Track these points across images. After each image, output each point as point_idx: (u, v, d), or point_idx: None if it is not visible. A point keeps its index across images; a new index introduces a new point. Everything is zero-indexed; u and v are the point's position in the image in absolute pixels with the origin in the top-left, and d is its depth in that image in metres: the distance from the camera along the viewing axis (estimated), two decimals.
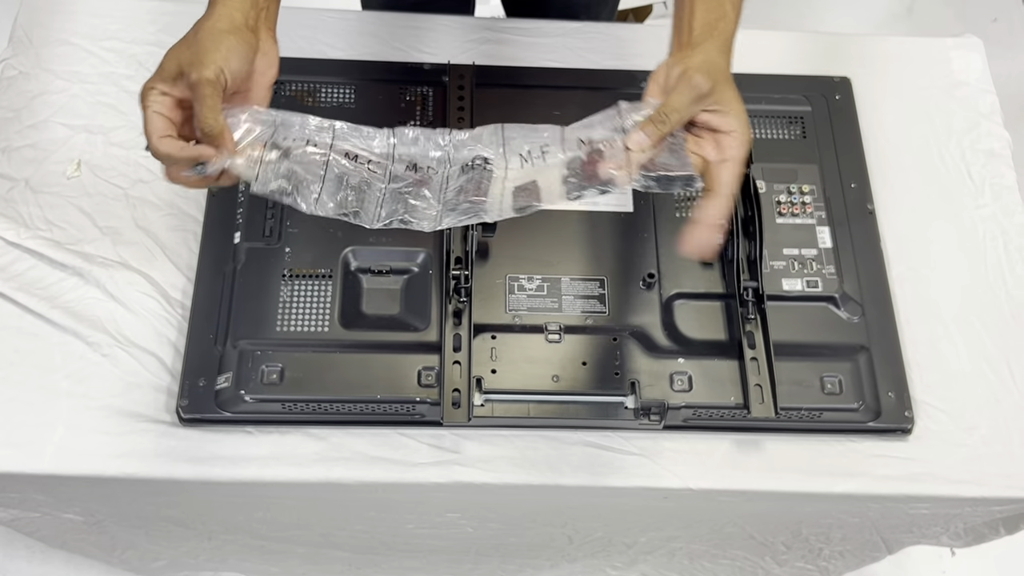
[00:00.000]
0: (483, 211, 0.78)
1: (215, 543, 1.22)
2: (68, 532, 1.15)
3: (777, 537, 1.16)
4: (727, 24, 0.81)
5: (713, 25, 0.80)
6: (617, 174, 0.77)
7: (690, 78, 0.76)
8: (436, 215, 0.80)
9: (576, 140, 0.80)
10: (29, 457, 0.91)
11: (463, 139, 0.82)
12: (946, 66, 1.19)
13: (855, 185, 1.07)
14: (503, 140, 0.82)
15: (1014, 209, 1.10)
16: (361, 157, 0.81)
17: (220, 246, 0.99)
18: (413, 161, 0.82)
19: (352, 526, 1.14)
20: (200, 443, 0.92)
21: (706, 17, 0.81)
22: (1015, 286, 1.05)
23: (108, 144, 1.06)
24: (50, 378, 0.94)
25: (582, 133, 0.80)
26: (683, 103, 0.76)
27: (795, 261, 1.02)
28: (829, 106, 1.12)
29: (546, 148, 0.80)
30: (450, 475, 0.93)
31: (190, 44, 0.75)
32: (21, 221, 1.01)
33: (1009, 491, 0.95)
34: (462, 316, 0.93)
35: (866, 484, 0.95)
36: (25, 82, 1.09)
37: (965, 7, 2.39)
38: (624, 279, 1.00)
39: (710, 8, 0.81)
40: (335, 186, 0.80)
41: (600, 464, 0.94)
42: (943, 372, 1.00)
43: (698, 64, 0.77)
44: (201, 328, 0.95)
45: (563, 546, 1.22)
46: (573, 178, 0.79)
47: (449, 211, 0.79)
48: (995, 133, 1.15)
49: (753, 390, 0.93)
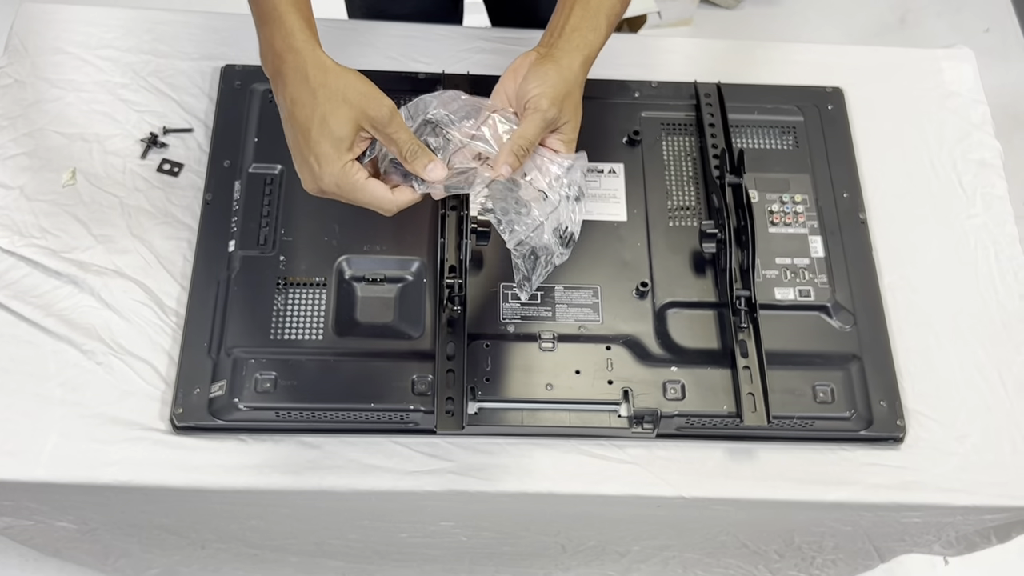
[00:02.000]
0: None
1: (209, 551, 1.22)
2: (61, 540, 1.14)
3: (770, 545, 1.16)
4: (596, 37, 0.86)
5: (583, 35, 0.85)
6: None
7: (541, 108, 0.83)
8: None
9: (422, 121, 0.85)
10: (23, 465, 0.91)
11: None
12: (938, 76, 1.20)
13: (847, 195, 1.08)
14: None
15: (1005, 219, 1.10)
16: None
17: (214, 254, 1.00)
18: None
19: (346, 535, 1.14)
20: (194, 451, 0.92)
21: (578, 24, 0.86)
22: (1006, 295, 1.06)
23: (103, 152, 1.06)
24: (44, 386, 0.94)
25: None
26: (535, 133, 0.83)
27: (787, 270, 1.02)
28: (821, 116, 1.13)
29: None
30: (444, 483, 0.93)
31: (344, 99, 0.77)
32: (16, 229, 1.01)
33: (1000, 500, 0.96)
34: (456, 325, 0.94)
35: (858, 492, 0.95)
36: (20, 90, 1.09)
37: (957, 17, 2.41)
38: (617, 288, 1.00)
39: (585, 16, 0.86)
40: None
41: (593, 472, 0.95)
42: (935, 381, 1.01)
43: (551, 84, 0.83)
44: (195, 336, 0.95)
45: (557, 555, 1.22)
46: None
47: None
48: (986, 143, 1.15)
49: (746, 399, 0.93)
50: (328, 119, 0.77)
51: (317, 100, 0.77)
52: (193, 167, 1.06)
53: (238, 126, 1.07)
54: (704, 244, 1.00)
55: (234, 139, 1.06)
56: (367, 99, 0.77)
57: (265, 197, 1.02)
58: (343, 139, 0.78)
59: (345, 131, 0.77)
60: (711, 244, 1.00)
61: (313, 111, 0.78)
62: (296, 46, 0.79)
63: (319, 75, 0.78)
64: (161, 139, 1.07)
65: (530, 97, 0.83)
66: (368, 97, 0.77)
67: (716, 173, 1.04)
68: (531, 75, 0.84)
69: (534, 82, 0.83)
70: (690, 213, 1.05)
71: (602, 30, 0.87)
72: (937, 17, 2.40)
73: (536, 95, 0.83)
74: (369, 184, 0.80)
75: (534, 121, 0.83)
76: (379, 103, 0.77)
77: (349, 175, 0.78)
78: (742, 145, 1.10)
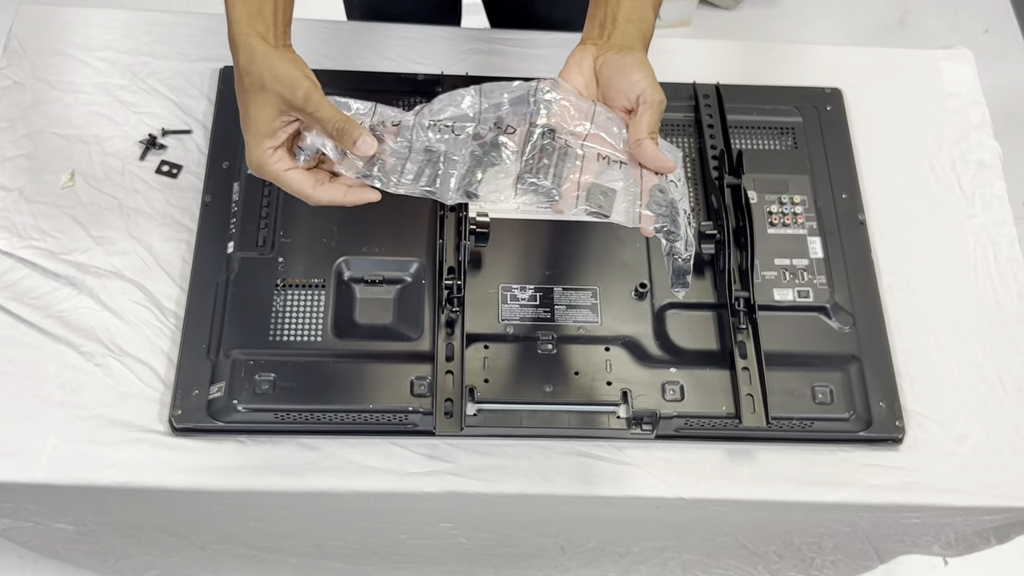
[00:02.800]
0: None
1: (208, 553, 1.22)
2: (60, 542, 1.14)
3: (769, 546, 1.16)
4: (649, 28, 0.84)
5: (638, 26, 0.83)
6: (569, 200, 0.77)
7: (658, 99, 0.78)
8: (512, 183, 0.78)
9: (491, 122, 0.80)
10: (22, 466, 0.91)
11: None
12: (937, 77, 1.20)
13: (846, 195, 1.08)
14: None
15: (1004, 219, 1.10)
16: (444, 125, 0.80)
17: (213, 256, 1.00)
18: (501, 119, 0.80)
19: (345, 536, 1.14)
20: (193, 452, 0.92)
21: (630, 15, 0.83)
22: (1005, 296, 1.06)
23: (102, 154, 1.06)
24: (43, 387, 0.94)
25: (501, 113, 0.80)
26: (656, 124, 0.79)
27: (786, 271, 1.02)
28: (820, 117, 1.13)
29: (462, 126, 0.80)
30: (443, 484, 0.93)
31: (262, 86, 0.76)
32: (15, 231, 1.01)
33: (1000, 500, 0.96)
34: (455, 326, 0.94)
35: (857, 493, 0.95)
36: (19, 92, 1.09)
37: (956, 18, 2.41)
38: (616, 289, 1.00)
39: (636, 7, 0.83)
40: (420, 162, 0.79)
41: (592, 473, 0.95)
42: (934, 382, 1.01)
43: (651, 72, 0.80)
44: (194, 338, 0.95)
45: (556, 556, 1.22)
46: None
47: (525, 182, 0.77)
48: (985, 144, 1.15)
49: (745, 400, 0.93)
50: (249, 107, 0.77)
51: (243, 87, 0.77)
52: (192, 169, 1.06)
53: (237, 128, 1.05)
54: (703, 245, 1.00)
55: (233, 141, 1.05)
56: (282, 82, 0.75)
57: (264, 199, 1.02)
58: (261, 125, 0.77)
59: (263, 117, 0.76)
60: (710, 245, 1.00)
61: (241, 98, 0.78)
62: (235, 39, 0.78)
63: (246, 63, 0.77)
64: (160, 141, 1.07)
65: (644, 89, 0.79)
66: (283, 80, 0.75)
67: (715, 174, 1.04)
68: (628, 67, 0.80)
69: (638, 73, 0.79)
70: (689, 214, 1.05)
71: (651, 21, 0.85)
72: (936, 18, 2.40)
73: (647, 85, 0.79)
74: (287, 175, 0.78)
75: (658, 111, 0.79)
76: (294, 85, 0.75)
77: (268, 164, 0.78)
78: (741, 146, 1.10)
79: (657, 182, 0.78)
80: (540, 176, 0.76)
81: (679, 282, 0.79)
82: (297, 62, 0.77)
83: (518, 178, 0.77)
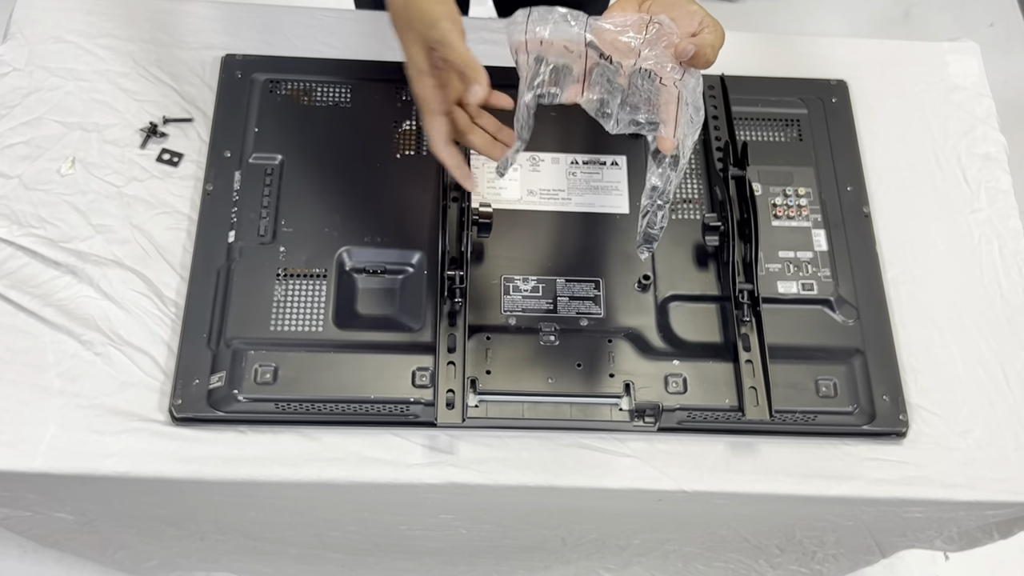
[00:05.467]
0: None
1: (208, 543, 1.22)
2: (60, 531, 1.14)
3: (771, 540, 1.16)
4: None
5: None
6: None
7: (720, 30, 0.82)
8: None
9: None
10: (21, 455, 0.90)
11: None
12: (943, 70, 1.19)
13: (851, 188, 1.07)
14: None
15: (1009, 213, 1.10)
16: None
17: (214, 245, 0.99)
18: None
19: (345, 527, 1.14)
20: (193, 442, 0.92)
21: None
22: (1010, 290, 1.05)
23: (102, 142, 1.06)
24: (43, 376, 0.94)
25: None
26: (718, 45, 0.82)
27: (791, 264, 1.02)
28: (825, 109, 1.12)
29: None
30: (444, 476, 0.93)
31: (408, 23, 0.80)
32: (14, 218, 1.00)
33: (1003, 495, 0.95)
34: (457, 317, 0.93)
35: (860, 487, 0.95)
36: (19, 79, 1.08)
37: (962, 11, 2.40)
38: (619, 281, 1.00)
39: None
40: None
41: (594, 466, 0.94)
42: (938, 376, 1.00)
43: (704, 11, 0.83)
44: (195, 327, 0.95)
45: (557, 548, 1.22)
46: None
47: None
48: (991, 137, 1.15)
49: (748, 393, 0.93)
50: (403, 45, 0.82)
51: (396, 26, 0.82)
52: (193, 157, 1.06)
53: (239, 116, 1.06)
54: (707, 237, 0.99)
55: (234, 129, 1.05)
56: (424, 20, 0.79)
57: (265, 188, 1.02)
58: (416, 62, 0.82)
59: (413, 54, 0.82)
60: (714, 237, 0.99)
61: (396, 35, 0.83)
62: None
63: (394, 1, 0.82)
64: (161, 129, 1.07)
65: (703, 17, 0.82)
66: (425, 18, 0.79)
67: (719, 166, 1.04)
68: (680, 0, 0.83)
69: (693, 4, 0.83)
70: (693, 206, 1.05)
71: None
72: (941, 11, 2.39)
73: (705, 15, 0.82)
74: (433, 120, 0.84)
75: (721, 37, 0.82)
76: (433, 23, 0.79)
77: (430, 99, 0.83)
78: (746, 138, 1.09)
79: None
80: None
81: (647, 246, 0.86)
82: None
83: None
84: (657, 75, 0.80)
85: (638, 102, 0.81)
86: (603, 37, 0.81)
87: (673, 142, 0.81)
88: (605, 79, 0.81)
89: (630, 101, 0.81)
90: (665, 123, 0.81)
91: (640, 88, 0.80)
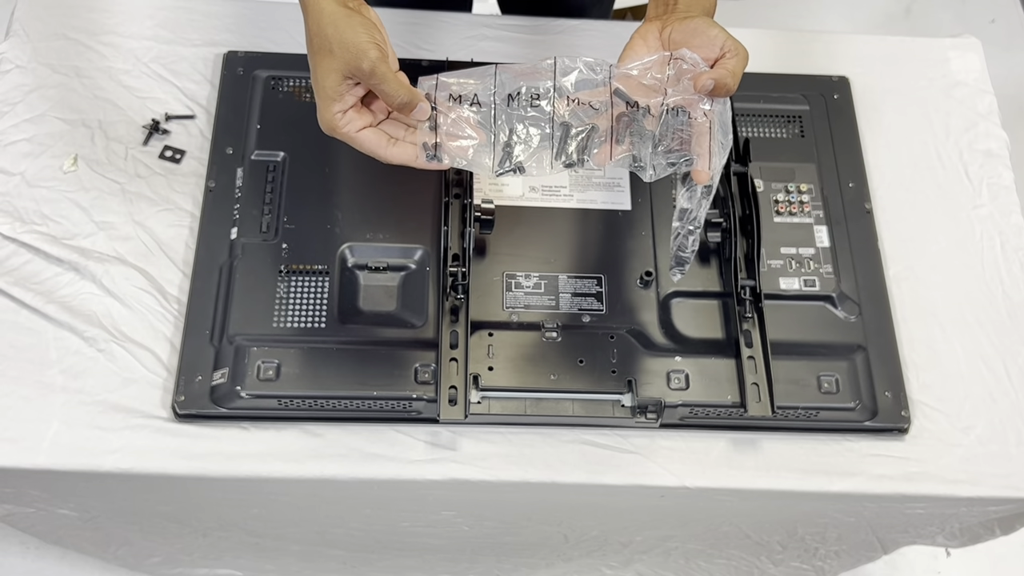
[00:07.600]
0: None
1: (210, 540, 1.22)
2: (63, 528, 1.14)
3: (773, 536, 1.16)
4: (711, 4, 0.85)
5: (700, 3, 0.84)
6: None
7: (743, 53, 0.79)
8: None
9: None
10: (24, 452, 0.91)
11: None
12: (944, 66, 1.19)
13: (853, 184, 1.07)
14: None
15: (1011, 209, 1.10)
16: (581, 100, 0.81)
17: (217, 242, 0.99)
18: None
19: (348, 524, 1.14)
20: (195, 439, 0.92)
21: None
22: (1012, 286, 1.05)
23: (105, 139, 1.06)
24: (46, 373, 0.94)
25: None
26: (740, 71, 0.79)
27: (793, 260, 1.02)
28: (827, 105, 1.12)
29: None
30: (446, 472, 0.93)
31: (329, 50, 0.77)
32: (17, 215, 1.01)
33: (1005, 491, 0.95)
34: (459, 313, 0.93)
35: (862, 483, 0.95)
36: (22, 76, 1.09)
37: (963, 8, 2.40)
38: (622, 277, 1.00)
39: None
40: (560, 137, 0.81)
41: (596, 462, 0.94)
42: (940, 372, 1.00)
43: (726, 34, 0.80)
44: (197, 324, 0.95)
45: (559, 545, 1.22)
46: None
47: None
48: (993, 133, 1.15)
49: (750, 389, 0.93)
50: (317, 70, 0.78)
51: (312, 49, 0.78)
52: (195, 154, 1.06)
53: (241, 113, 1.06)
54: (709, 233, 0.99)
55: (237, 126, 1.05)
56: (349, 50, 0.76)
57: (267, 184, 1.02)
58: (328, 89, 0.78)
59: (329, 82, 0.77)
60: (716, 233, 0.99)
61: (310, 59, 0.79)
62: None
63: (315, 25, 0.78)
64: (163, 126, 1.07)
65: (725, 40, 0.79)
66: (350, 48, 0.76)
67: None
68: (701, 26, 0.80)
69: (714, 29, 0.80)
70: None
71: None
72: (943, 7, 2.39)
73: (727, 38, 0.79)
74: (359, 136, 0.80)
75: (744, 60, 0.80)
76: (360, 54, 0.76)
77: (338, 126, 0.79)
78: (747, 134, 1.09)
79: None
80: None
81: (679, 268, 0.86)
82: (367, 26, 0.77)
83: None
84: (685, 110, 0.79)
85: (671, 144, 0.79)
86: (628, 83, 0.80)
87: (708, 174, 0.79)
88: (632, 130, 0.80)
89: (664, 145, 0.80)
90: (699, 156, 0.79)
91: (671, 126, 0.79)
